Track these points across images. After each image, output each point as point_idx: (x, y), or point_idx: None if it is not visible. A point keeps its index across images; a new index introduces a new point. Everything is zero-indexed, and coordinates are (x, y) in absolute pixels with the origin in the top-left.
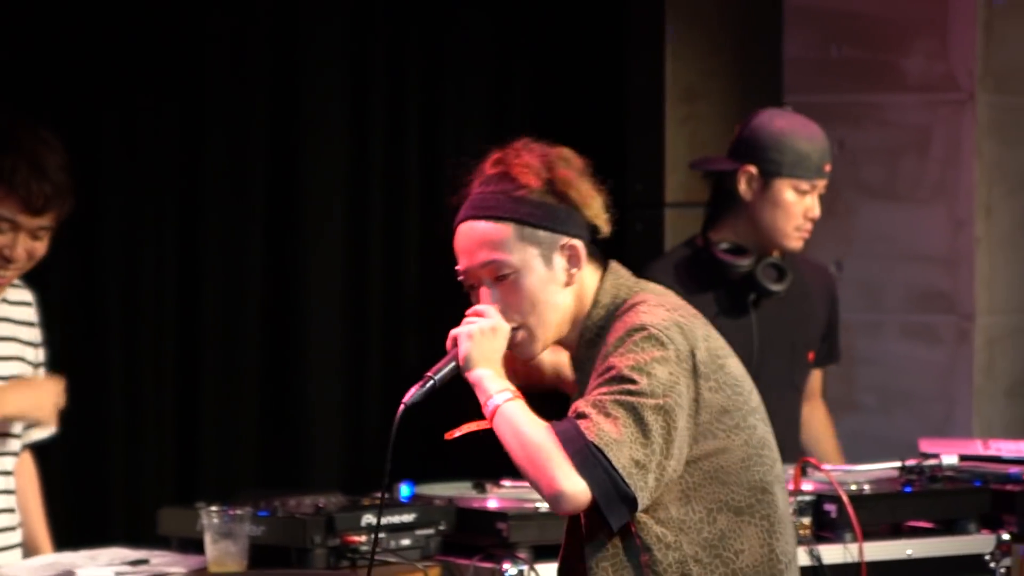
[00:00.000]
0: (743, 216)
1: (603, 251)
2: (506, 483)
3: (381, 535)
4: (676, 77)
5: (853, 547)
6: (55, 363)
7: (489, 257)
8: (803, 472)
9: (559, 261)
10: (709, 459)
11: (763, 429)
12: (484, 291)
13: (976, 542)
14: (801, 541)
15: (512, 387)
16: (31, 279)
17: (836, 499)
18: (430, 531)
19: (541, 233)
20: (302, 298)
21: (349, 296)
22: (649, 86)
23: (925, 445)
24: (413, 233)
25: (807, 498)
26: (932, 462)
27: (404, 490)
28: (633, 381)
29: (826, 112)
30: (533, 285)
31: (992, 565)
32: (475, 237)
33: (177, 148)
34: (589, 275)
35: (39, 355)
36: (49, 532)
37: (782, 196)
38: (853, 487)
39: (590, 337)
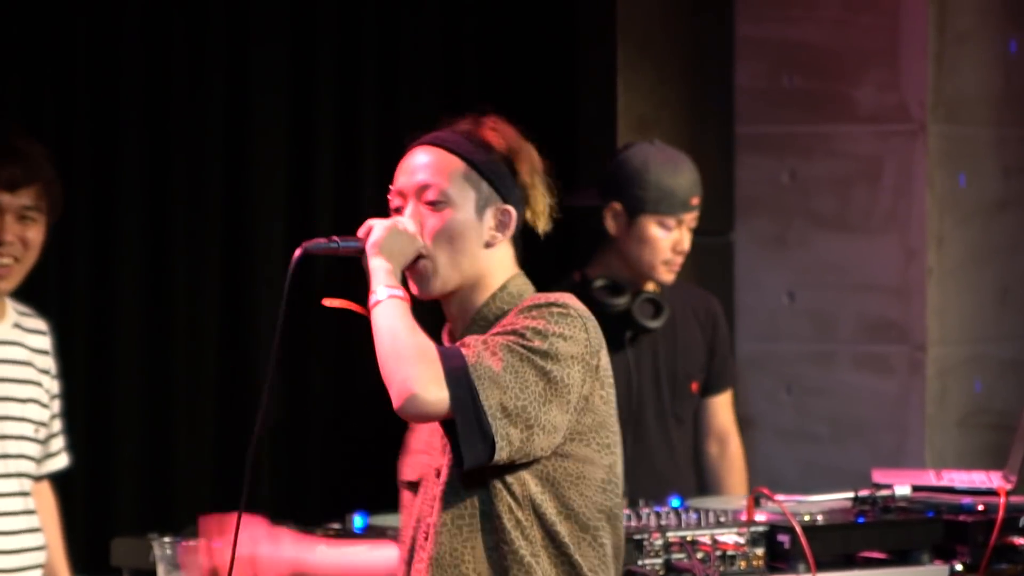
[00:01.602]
0: (614, 251)
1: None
2: None
3: None
4: (628, 107)
5: None
6: None
7: (429, 180)
8: (756, 503)
9: (489, 219)
10: (576, 463)
11: (621, 465)
12: (410, 210)
13: (929, 573)
14: (754, 572)
15: (404, 291)
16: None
17: (789, 530)
18: None
19: (485, 184)
20: (253, 322)
21: (296, 324)
22: (601, 116)
23: (878, 475)
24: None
25: (760, 529)
26: (885, 493)
27: (358, 521)
28: (530, 339)
29: (777, 142)
30: (458, 223)
31: None
32: (422, 160)
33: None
34: (506, 258)
35: (54, 386)
36: (68, 562)
37: (648, 232)
38: (806, 518)
39: (487, 317)
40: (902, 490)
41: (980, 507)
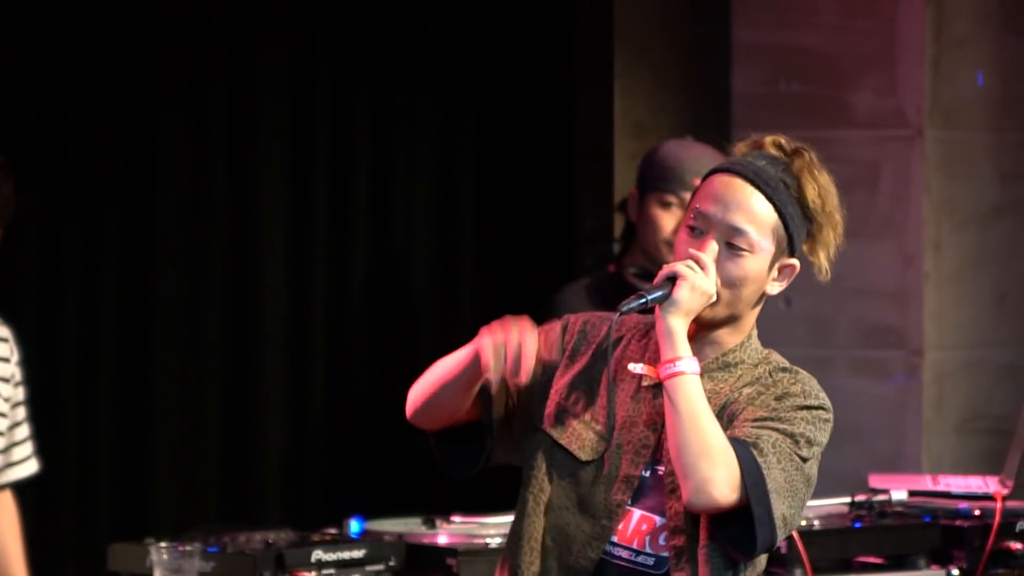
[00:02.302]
0: (637, 239)
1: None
2: (456, 518)
3: (331, 571)
4: (625, 112)
5: None
6: None
7: (744, 226)
8: None
9: (775, 271)
10: None
11: None
12: (710, 244)
13: None
14: None
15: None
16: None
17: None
18: (380, 567)
19: (785, 241)
20: (256, 333)
21: (295, 331)
22: (598, 121)
23: (875, 480)
24: (361, 265)
25: None
26: (882, 497)
27: (354, 526)
28: (802, 447)
29: None
30: (752, 273)
31: None
32: (743, 198)
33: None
34: (761, 305)
35: (17, 393)
36: (28, 571)
37: (650, 211)
38: (803, 523)
39: (730, 364)
40: (899, 495)
41: (977, 512)
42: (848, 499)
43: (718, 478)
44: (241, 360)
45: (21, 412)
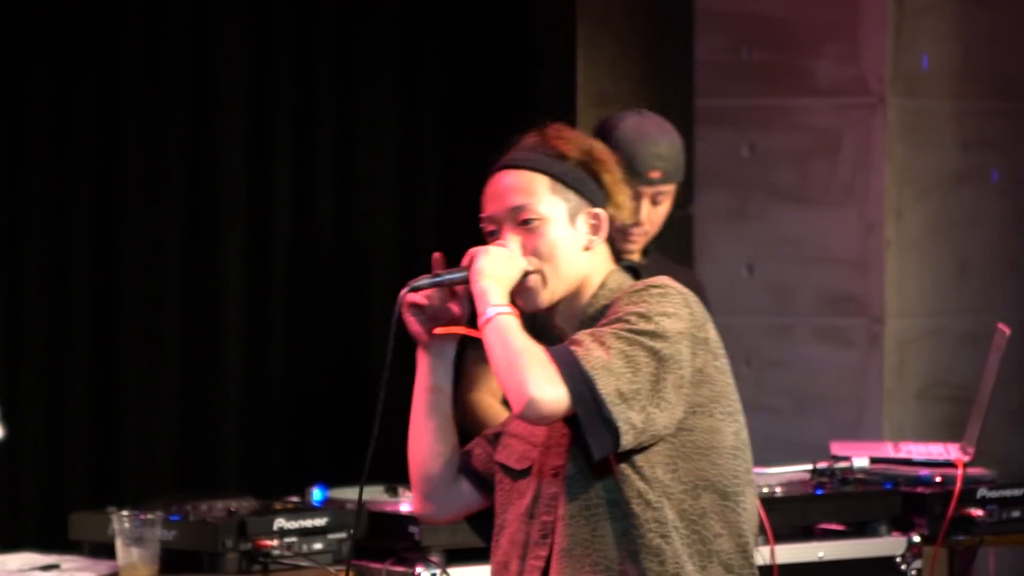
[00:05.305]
0: None
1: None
2: None
3: (293, 539)
4: (587, 81)
5: (765, 550)
6: None
7: (519, 202)
8: None
9: (582, 224)
10: (703, 435)
11: (746, 431)
12: (507, 234)
13: (887, 544)
14: None
15: (513, 308)
16: None
17: None
18: (342, 535)
19: (571, 193)
20: (217, 303)
21: (254, 299)
22: (560, 91)
23: (836, 448)
24: (322, 232)
25: None
26: (843, 465)
27: (316, 494)
28: (635, 323)
29: (737, 115)
30: (555, 236)
31: (903, 567)
32: (507, 183)
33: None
34: (603, 258)
35: None
36: None
37: None
38: (764, 489)
39: (592, 316)
40: (860, 462)
41: (938, 479)
42: (810, 466)
43: (532, 377)
44: (202, 330)
45: None
